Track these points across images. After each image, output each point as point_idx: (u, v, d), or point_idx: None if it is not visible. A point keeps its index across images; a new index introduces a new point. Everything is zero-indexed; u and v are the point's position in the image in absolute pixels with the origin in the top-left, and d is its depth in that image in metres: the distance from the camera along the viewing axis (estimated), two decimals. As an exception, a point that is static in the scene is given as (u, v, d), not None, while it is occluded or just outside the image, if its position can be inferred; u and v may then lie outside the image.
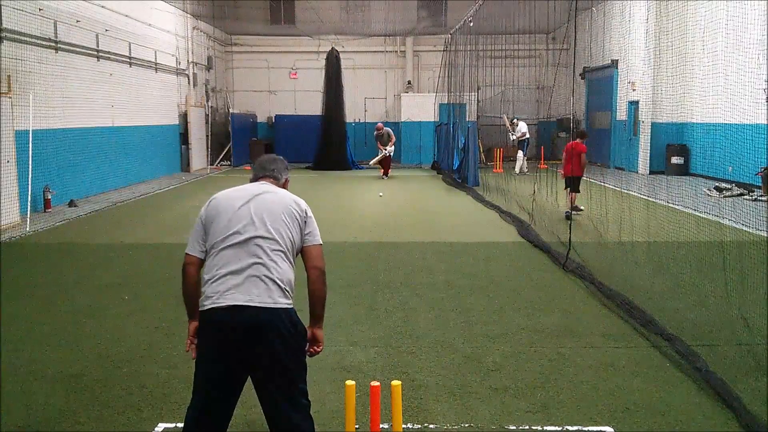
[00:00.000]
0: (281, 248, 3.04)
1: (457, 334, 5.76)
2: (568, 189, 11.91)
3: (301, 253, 3.17)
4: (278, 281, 2.97)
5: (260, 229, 3.02)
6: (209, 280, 3.00)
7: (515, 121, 21.02)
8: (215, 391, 2.97)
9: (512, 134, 20.88)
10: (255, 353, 2.91)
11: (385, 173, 19.80)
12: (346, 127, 23.12)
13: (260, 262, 2.97)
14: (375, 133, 20.29)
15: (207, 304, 2.95)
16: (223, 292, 2.92)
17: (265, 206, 3.09)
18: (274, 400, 2.99)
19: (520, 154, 20.49)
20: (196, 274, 3.12)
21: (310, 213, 3.19)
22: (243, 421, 4.18)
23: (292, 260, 3.11)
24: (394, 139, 20.12)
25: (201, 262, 3.12)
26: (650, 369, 4.96)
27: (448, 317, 6.22)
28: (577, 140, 12.03)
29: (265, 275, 2.95)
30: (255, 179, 3.35)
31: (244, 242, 3.00)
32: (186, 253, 3.16)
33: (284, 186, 3.36)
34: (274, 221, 3.06)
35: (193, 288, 3.12)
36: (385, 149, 19.67)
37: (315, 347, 3.23)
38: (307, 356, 3.15)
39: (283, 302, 2.97)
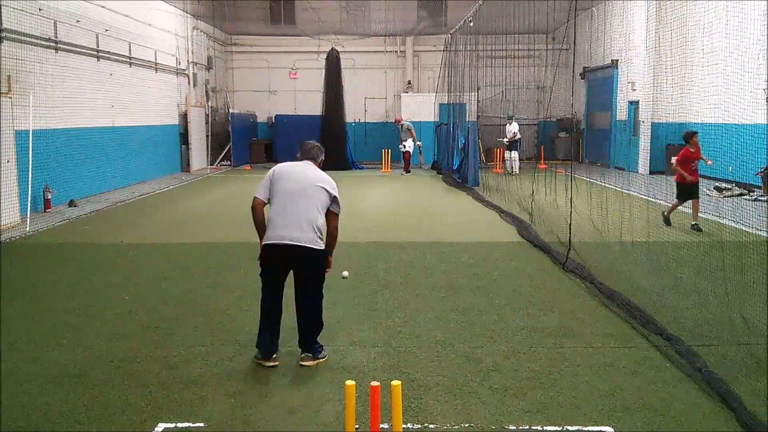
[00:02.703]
0: (316, 205, 4.96)
1: (457, 334, 5.76)
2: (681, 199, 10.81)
3: (325, 215, 5.04)
4: (313, 224, 4.90)
5: (304, 191, 4.96)
6: (271, 221, 4.98)
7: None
8: (275, 280, 5.08)
9: (505, 138, 20.83)
10: (295, 266, 5.00)
11: (406, 169, 21.21)
12: (346, 127, 23.12)
13: (302, 211, 4.89)
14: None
15: (270, 240, 4.95)
16: (279, 232, 4.90)
17: (308, 180, 5.03)
18: (302, 290, 5.07)
19: (515, 154, 20.41)
20: (263, 211, 5.06)
21: (336, 192, 5.08)
22: (243, 422, 4.18)
23: (323, 213, 5.01)
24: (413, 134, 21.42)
25: (264, 203, 5.04)
26: (650, 369, 4.96)
27: (448, 317, 6.22)
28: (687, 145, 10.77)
29: (304, 221, 4.88)
30: (301, 158, 5.25)
31: (294, 200, 4.93)
32: (256, 197, 5.05)
33: (319, 165, 5.27)
34: (312, 189, 4.98)
35: (262, 220, 5.05)
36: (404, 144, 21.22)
37: (327, 268, 5.19)
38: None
39: (315, 245, 4.91)
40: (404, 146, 21.09)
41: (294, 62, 26.71)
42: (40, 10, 12.82)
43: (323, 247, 5.00)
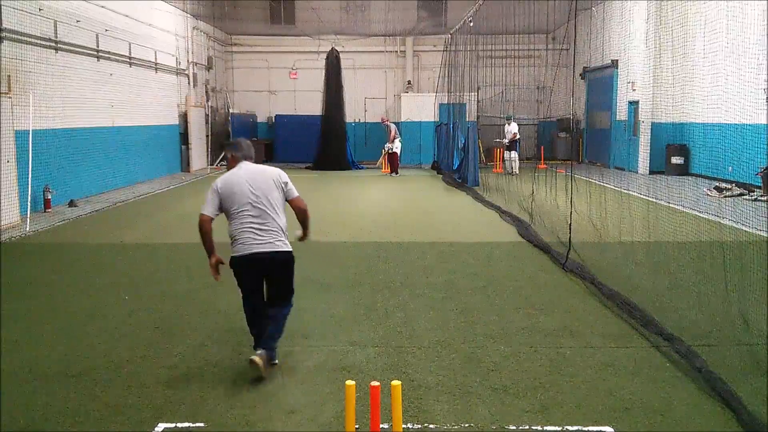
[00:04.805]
0: (275, 206, 4.92)
1: (457, 334, 5.76)
2: None
3: (288, 203, 5.05)
4: (278, 229, 4.90)
5: (261, 197, 4.88)
6: (235, 234, 4.89)
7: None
8: (253, 288, 5.03)
9: (505, 139, 20.81)
10: (268, 272, 5.00)
11: (394, 171, 20.62)
12: (346, 127, 23.13)
13: (265, 219, 4.86)
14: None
15: (239, 251, 4.87)
16: (247, 243, 4.84)
17: (258, 182, 4.92)
18: (275, 291, 5.07)
19: (514, 154, 20.38)
20: (210, 227, 4.93)
21: (286, 178, 5.05)
22: (243, 422, 4.18)
23: (283, 211, 4.99)
24: (393, 135, 20.79)
25: (212, 220, 4.92)
26: (650, 369, 4.96)
27: (448, 317, 6.22)
28: None
29: (270, 228, 4.86)
30: (242, 159, 5.06)
31: (252, 207, 4.85)
32: (202, 213, 4.90)
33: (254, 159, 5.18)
34: (266, 190, 4.91)
35: (210, 236, 4.94)
36: (387, 146, 20.85)
37: (304, 239, 5.27)
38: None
39: (283, 247, 4.92)
40: (391, 147, 20.79)
41: (294, 62, 26.71)
42: (40, 10, 12.81)
43: (290, 248, 4.98)
